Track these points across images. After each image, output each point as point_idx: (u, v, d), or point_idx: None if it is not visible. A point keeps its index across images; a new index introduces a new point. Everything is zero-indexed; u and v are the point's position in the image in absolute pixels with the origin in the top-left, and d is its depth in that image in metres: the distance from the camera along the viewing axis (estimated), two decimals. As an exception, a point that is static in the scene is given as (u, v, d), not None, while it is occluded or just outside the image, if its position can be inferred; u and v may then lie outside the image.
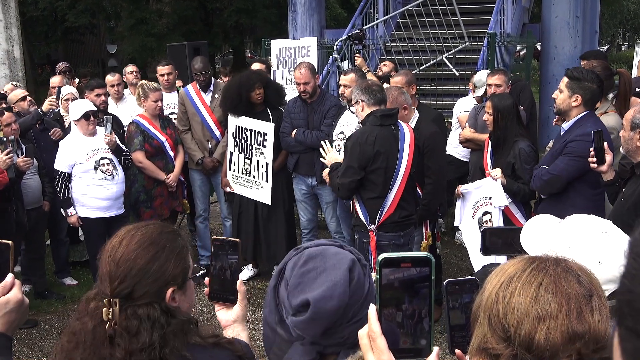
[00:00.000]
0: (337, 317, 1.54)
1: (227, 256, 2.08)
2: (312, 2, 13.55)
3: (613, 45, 46.62)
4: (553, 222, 2.22)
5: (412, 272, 1.22)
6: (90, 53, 32.08)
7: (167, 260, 1.82)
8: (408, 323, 1.22)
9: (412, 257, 1.22)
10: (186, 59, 9.57)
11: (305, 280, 1.57)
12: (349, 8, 23.89)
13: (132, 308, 1.74)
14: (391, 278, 1.21)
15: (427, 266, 1.22)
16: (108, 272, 1.77)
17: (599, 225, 2.05)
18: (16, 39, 11.27)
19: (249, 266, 7.18)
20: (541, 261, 1.38)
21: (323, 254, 1.61)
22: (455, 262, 7.32)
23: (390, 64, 8.46)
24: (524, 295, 1.32)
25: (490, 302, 1.36)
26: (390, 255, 1.22)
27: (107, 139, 6.01)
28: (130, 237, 1.82)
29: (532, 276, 1.34)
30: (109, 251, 1.81)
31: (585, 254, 1.87)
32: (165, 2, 26.89)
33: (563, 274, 1.34)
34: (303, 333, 1.55)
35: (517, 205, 5.07)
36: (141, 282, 1.76)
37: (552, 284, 1.32)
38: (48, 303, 6.50)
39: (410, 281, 1.21)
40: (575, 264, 1.39)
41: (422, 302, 1.22)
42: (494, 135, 5.19)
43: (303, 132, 6.38)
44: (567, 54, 11.93)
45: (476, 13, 12.22)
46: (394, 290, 1.21)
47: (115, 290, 1.74)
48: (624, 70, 5.41)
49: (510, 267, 1.40)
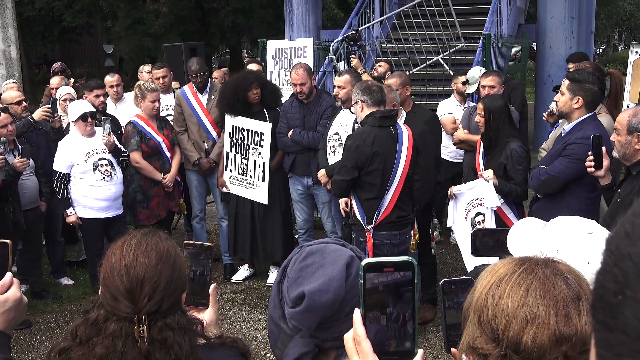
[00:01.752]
0: (332, 310, 1.59)
1: (208, 260, 2.10)
2: (309, 3, 13.57)
3: (609, 45, 46.71)
4: (538, 225, 2.24)
5: (396, 276, 1.25)
6: (86, 53, 32.06)
7: (182, 268, 1.83)
8: (392, 326, 1.25)
9: (394, 261, 1.25)
10: (183, 59, 9.59)
11: (303, 275, 1.62)
12: (345, 8, 23.90)
13: (161, 320, 1.73)
14: (375, 282, 1.24)
15: (410, 270, 1.25)
16: (128, 290, 1.72)
17: (584, 226, 2.07)
18: (13, 39, 11.26)
19: (245, 266, 7.21)
20: (531, 263, 1.39)
21: (323, 250, 1.66)
22: (450, 262, 7.36)
23: (385, 64, 8.48)
24: (512, 298, 1.34)
25: (480, 303, 1.38)
26: (373, 260, 1.25)
27: (105, 140, 6.03)
28: (144, 252, 1.77)
29: (521, 278, 1.36)
30: (124, 269, 1.75)
31: (574, 256, 1.90)
32: (162, 2, 26.88)
33: (552, 277, 1.35)
34: (298, 324, 1.60)
35: (509, 206, 5.10)
36: (167, 295, 1.74)
37: (541, 286, 1.33)
38: (44, 303, 6.53)
39: (394, 285, 1.25)
40: (565, 265, 1.41)
41: (405, 306, 1.25)
42: (486, 137, 5.22)
43: (299, 133, 6.41)
44: (563, 55, 11.94)
45: (472, 14, 12.25)
46: (378, 294, 1.25)
47: (145, 308, 1.71)
48: (614, 70, 5.45)
49: (500, 268, 1.41)
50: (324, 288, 1.57)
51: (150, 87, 6.63)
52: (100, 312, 1.76)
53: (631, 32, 44.28)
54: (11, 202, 5.84)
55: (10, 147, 5.92)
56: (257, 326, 5.99)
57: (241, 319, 6.16)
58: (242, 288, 6.94)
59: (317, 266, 1.62)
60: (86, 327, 1.75)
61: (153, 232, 1.87)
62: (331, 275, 1.59)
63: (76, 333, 1.77)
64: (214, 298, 2.10)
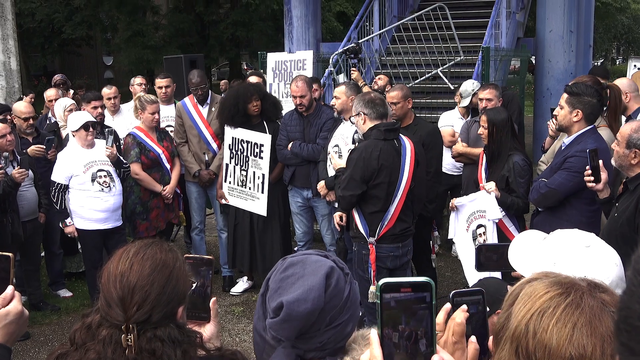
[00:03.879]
0: (311, 320, 1.59)
1: (209, 273, 2.09)
2: (308, 15, 13.61)
3: (607, 59, 46.88)
4: (538, 238, 2.23)
5: (411, 296, 1.24)
6: (86, 65, 32.16)
7: (178, 281, 1.81)
8: (405, 344, 1.24)
9: (412, 282, 1.24)
10: (182, 71, 9.62)
11: (283, 285, 1.64)
12: (344, 21, 24.00)
13: (151, 331, 1.72)
14: (388, 298, 1.23)
15: (428, 291, 1.24)
16: (120, 298, 1.72)
17: (582, 239, 2.05)
18: (13, 50, 11.29)
19: (244, 278, 7.19)
20: (577, 294, 1.34)
21: (303, 262, 1.68)
22: (450, 275, 7.34)
23: (385, 77, 8.50)
24: (557, 334, 1.30)
25: (520, 332, 1.34)
26: (390, 280, 1.24)
27: (109, 152, 6.04)
28: (140, 261, 1.77)
29: (566, 314, 1.31)
30: (119, 276, 1.75)
31: (571, 270, 1.89)
32: (162, 14, 26.98)
33: (599, 313, 1.30)
34: (277, 334, 1.61)
35: (510, 219, 5.10)
36: (158, 306, 1.74)
37: (588, 324, 1.29)
38: (43, 315, 6.49)
39: (408, 302, 1.24)
40: (609, 295, 1.36)
41: (418, 324, 1.24)
42: (489, 149, 5.23)
43: (299, 145, 6.41)
44: (562, 68, 12.02)
45: (471, 27, 12.29)
46: (391, 310, 1.24)
47: (134, 317, 1.71)
48: (614, 84, 5.45)
49: (542, 295, 1.36)
50: (303, 298, 1.58)
51: (150, 99, 6.64)
52: (96, 317, 1.77)
53: (629, 46, 44.46)
54: (10, 213, 5.83)
55: (9, 158, 5.91)
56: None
57: (240, 332, 6.14)
58: (241, 300, 6.91)
59: (297, 277, 1.64)
60: (82, 331, 1.76)
61: (157, 242, 1.87)
62: (310, 285, 1.60)
63: (74, 338, 1.78)
64: (215, 312, 2.09)
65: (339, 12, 24.92)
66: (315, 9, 13.78)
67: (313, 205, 6.64)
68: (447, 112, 7.79)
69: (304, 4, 13.39)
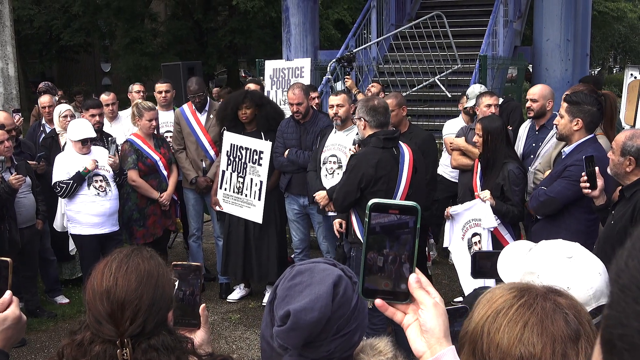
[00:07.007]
0: (318, 329, 1.59)
1: (197, 280, 2.10)
2: (306, 23, 13.63)
3: (604, 68, 46.99)
4: (525, 249, 2.23)
5: (395, 219, 1.27)
6: (84, 71, 32.13)
7: (164, 287, 1.82)
8: (389, 267, 1.28)
9: (400, 205, 1.28)
10: (181, 78, 9.63)
11: (291, 293, 1.63)
12: (342, 29, 24.02)
13: (145, 342, 1.73)
14: (374, 224, 1.27)
15: (414, 215, 1.27)
16: (109, 314, 1.72)
17: (564, 250, 2.05)
18: (11, 57, 11.29)
19: (240, 286, 7.17)
20: (530, 296, 1.35)
21: (312, 270, 1.67)
22: (447, 283, 7.34)
23: (378, 85, 8.48)
24: (508, 334, 1.31)
25: (476, 335, 1.36)
26: (380, 200, 1.28)
27: (111, 161, 6.07)
28: (124, 275, 1.76)
29: (518, 313, 1.32)
30: (105, 293, 1.74)
31: (553, 281, 1.90)
32: (160, 21, 27.00)
33: (551, 313, 1.31)
34: (284, 343, 1.61)
35: (506, 227, 5.11)
36: (150, 316, 1.74)
37: (539, 324, 1.30)
38: (39, 321, 6.47)
39: (392, 227, 1.27)
40: (566, 299, 1.36)
41: (402, 248, 1.27)
42: (484, 157, 5.24)
43: (295, 152, 6.42)
44: (558, 77, 12.04)
45: (468, 35, 12.34)
46: (376, 235, 1.28)
47: (127, 332, 1.71)
48: (609, 92, 5.47)
49: (498, 298, 1.38)
50: (310, 306, 1.57)
51: (147, 105, 6.66)
52: (87, 334, 1.76)
53: (626, 55, 44.54)
54: (7, 220, 5.83)
55: (7, 164, 5.91)
56: (252, 346, 5.96)
57: (237, 339, 6.13)
58: (238, 308, 6.90)
59: (305, 285, 1.63)
60: (72, 349, 1.75)
61: (136, 251, 1.85)
62: (318, 293, 1.60)
63: (62, 354, 1.77)
64: (205, 318, 2.10)
65: (337, 20, 24.93)
66: (313, 17, 13.81)
67: (310, 212, 6.64)
68: (452, 120, 7.77)
69: (302, 11, 13.42)
